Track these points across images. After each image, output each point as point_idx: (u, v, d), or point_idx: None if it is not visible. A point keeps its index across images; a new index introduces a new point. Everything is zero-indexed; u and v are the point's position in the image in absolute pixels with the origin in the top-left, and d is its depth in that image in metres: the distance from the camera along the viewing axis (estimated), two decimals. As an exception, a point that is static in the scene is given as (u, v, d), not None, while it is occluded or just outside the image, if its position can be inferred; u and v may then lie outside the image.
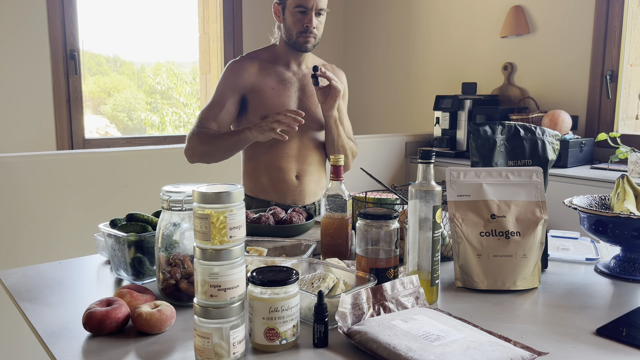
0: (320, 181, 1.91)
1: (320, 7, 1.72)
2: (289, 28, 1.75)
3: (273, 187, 1.83)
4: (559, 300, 1.12)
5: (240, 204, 0.85)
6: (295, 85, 1.81)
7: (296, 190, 1.84)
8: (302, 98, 1.82)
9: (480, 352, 0.82)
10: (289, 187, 1.83)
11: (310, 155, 1.85)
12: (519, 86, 3.30)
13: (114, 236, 1.20)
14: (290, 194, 1.83)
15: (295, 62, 1.83)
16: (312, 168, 1.86)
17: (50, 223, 2.25)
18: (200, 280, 0.84)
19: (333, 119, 1.77)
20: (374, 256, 1.07)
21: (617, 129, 2.93)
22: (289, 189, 1.83)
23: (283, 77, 1.80)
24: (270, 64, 1.81)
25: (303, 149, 1.82)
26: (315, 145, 1.86)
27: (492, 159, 1.33)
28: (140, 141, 3.47)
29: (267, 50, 1.86)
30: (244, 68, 1.79)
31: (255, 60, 1.81)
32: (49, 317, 1.03)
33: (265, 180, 1.83)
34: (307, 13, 1.71)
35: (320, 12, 1.74)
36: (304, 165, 1.84)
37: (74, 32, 3.18)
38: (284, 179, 1.82)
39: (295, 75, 1.83)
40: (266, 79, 1.78)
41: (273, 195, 1.83)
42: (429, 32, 3.80)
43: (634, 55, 2.90)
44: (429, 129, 3.61)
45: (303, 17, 1.72)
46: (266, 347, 0.89)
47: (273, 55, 1.83)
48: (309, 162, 1.85)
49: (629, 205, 1.31)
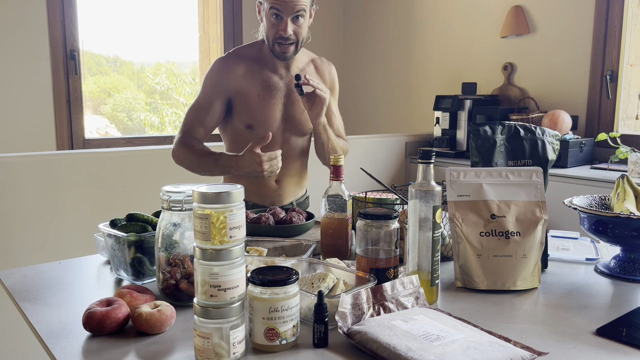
0: (301, 182, 1.91)
1: (297, 10, 1.59)
2: (267, 32, 1.66)
3: (253, 190, 1.80)
4: (559, 300, 1.12)
5: (240, 204, 0.85)
6: (282, 92, 1.74)
7: (275, 194, 1.83)
8: (287, 105, 1.75)
9: (480, 352, 0.82)
10: (269, 190, 1.82)
11: (291, 162, 1.82)
12: (519, 86, 3.30)
13: (114, 236, 1.20)
14: (269, 197, 1.83)
15: (282, 63, 1.74)
16: (293, 172, 1.85)
17: (50, 223, 2.25)
18: (200, 280, 0.84)
19: (321, 125, 1.71)
20: (374, 256, 1.07)
21: (617, 129, 2.93)
22: (268, 192, 1.83)
23: (269, 83, 1.73)
24: (257, 65, 1.73)
25: (285, 157, 1.74)
26: (297, 152, 1.84)
27: (492, 159, 1.33)
28: (140, 141, 3.47)
29: (254, 46, 1.77)
30: (230, 69, 1.72)
31: (241, 60, 1.73)
32: (49, 317, 1.03)
33: (245, 183, 1.77)
34: (282, 18, 1.60)
35: (298, 16, 1.61)
36: (285, 171, 1.79)
37: (74, 32, 3.18)
38: (263, 183, 1.80)
39: (283, 80, 1.75)
40: (252, 83, 1.71)
41: (253, 197, 1.82)
42: (429, 32, 3.80)
43: (634, 55, 2.90)
44: (429, 129, 3.61)
45: (278, 22, 1.61)
46: (266, 347, 0.89)
47: (260, 54, 1.74)
48: (290, 168, 1.83)
49: (629, 205, 1.31)
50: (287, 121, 1.78)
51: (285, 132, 1.79)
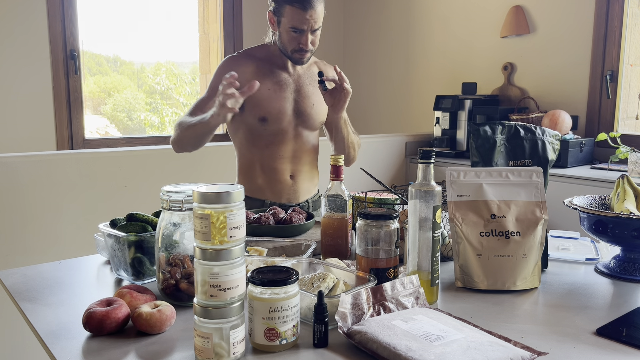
0: (313, 179, 1.93)
1: (316, 28, 1.69)
2: (284, 44, 1.73)
3: (268, 187, 1.83)
4: (559, 300, 1.12)
5: (240, 204, 0.85)
6: (291, 87, 1.81)
7: (291, 190, 1.85)
8: (297, 99, 1.81)
9: (480, 352, 0.82)
10: (284, 186, 1.84)
11: (304, 156, 1.86)
12: (519, 86, 3.30)
13: (114, 236, 1.20)
14: (285, 193, 1.85)
15: (291, 63, 1.82)
16: (306, 167, 1.88)
17: (50, 223, 2.25)
18: (200, 280, 0.84)
19: (343, 119, 1.79)
20: (374, 256, 1.07)
21: (617, 129, 2.93)
22: (284, 188, 1.84)
23: (279, 79, 1.79)
24: (267, 65, 1.80)
25: (297, 151, 1.83)
26: (309, 147, 1.88)
27: (492, 159, 1.33)
28: (140, 141, 3.47)
29: (264, 48, 1.84)
30: (240, 66, 1.77)
31: (252, 59, 1.80)
32: (49, 317, 1.03)
33: (261, 180, 1.83)
34: (303, 33, 1.69)
35: (316, 30, 1.70)
36: (298, 166, 1.85)
37: (74, 32, 3.18)
38: (279, 179, 1.83)
39: (292, 77, 1.82)
40: (262, 78, 1.77)
41: (269, 195, 1.84)
42: (429, 32, 3.80)
43: (634, 55, 2.90)
44: (429, 129, 3.61)
45: (299, 36, 1.69)
46: (266, 347, 0.89)
47: (269, 54, 1.82)
48: (303, 162, 1.87)
49: (629, 205, 1.31)
50: (299, 115, 1.82)
51: (298, 127, 1.83)
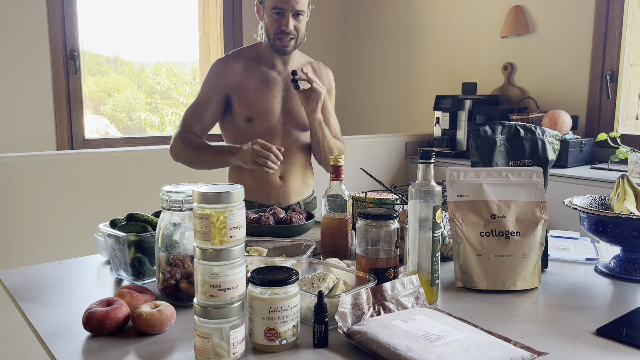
0: (306, 180, 1.91)
1: (297, 9, 1.69)
2: (267, 29, 1.74)
3: (258, 188, 1.82)
4: (559, 300, 1.12)
5: (240, 204, 0.85)
6: (280, 85, 1.79)
7: (280, 191, 1.84)
8: (286, 98, 1.80)
9: (480, 352, 0.82)
10: (273, 187, 1.83)
11: (294, 157, 1.84)
12: (519, 86, 3.30)
13: (114, 236, 1.20)
14: (275, 195, 1.83)
15: (280, 61, 1.81)
16: (297, 168, 1.86)
17: (50, 223, 2.25)
18: (200, 280, 0.84)
19: (317, 121, 1.76)
20: (374, 256, 1.07)
21: (617, 129, 2.93)
22: (273, 189, 1.83)
23: (267, 77, 1.79)
24: (255, 63, 1.80)
25: (287, 151, 1.79)
26: (299, 146, 1.86)
27: (492, 159, 1.33)
28: (140, 141, 3.47)
29: (253, 48, 1.84)
30: (228, 67, 1.78)
31: (240, 59, 1.80)
32: (48, 317, 1.03)
33: (250, 181, 1.82)
34: (284, 14, 1.69)
35: (298, 13, 1.70)
36: (288, 166, 1.83)
37: (74, 32, 3.18)
38: (267, 180, 1.82)
39: (280, 75, 1.80)
40: (249, 78, 1.77)
41: (258, 196, 1.83)
42: (429, 32, 3.80)
43: (634, 55, 2.90)
44: (429, 129, 3.61)
45: (280, 18, 1.69)
46: (266, 347, 0.89)
47: (258, 53, 1.82)
48: (293, 162, 1.85)
49: (629, 205, 1.31)
50: (287, 114, 1.81)
51: (286, 125, 1.82)
